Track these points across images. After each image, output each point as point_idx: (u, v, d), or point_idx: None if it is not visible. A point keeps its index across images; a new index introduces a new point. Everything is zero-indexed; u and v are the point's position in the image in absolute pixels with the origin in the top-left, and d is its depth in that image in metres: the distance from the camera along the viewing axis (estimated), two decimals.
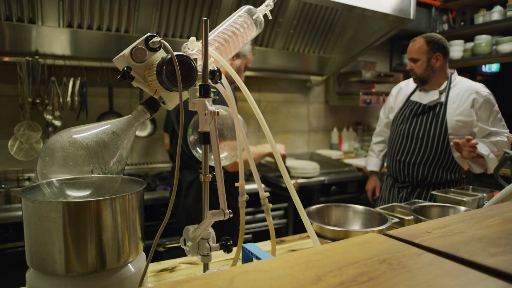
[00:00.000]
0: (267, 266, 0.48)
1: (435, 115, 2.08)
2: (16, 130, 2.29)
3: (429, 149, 2.08)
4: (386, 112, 2.43)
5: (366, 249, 0.54)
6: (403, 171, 2.18)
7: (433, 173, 2.09)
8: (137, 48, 0.73)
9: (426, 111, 2.12)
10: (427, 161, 2.09)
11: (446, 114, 2.05)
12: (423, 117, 2.13)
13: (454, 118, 2.03)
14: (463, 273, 0.46)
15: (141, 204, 0.79)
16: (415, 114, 2.16)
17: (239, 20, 0.91)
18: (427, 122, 2.10)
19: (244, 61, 1.99)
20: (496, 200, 1.30)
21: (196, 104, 0.76)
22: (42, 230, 0.68)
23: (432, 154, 2.07)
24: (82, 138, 0.74)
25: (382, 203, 2.34)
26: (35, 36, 2.24)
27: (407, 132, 2.16)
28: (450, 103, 2.06)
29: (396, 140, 2.23)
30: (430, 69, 2.09)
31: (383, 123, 2.48)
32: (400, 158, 2.18)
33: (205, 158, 0.75)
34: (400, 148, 2.19)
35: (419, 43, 2.11)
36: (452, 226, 0.65)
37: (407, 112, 2.20)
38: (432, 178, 2.10)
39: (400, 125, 2.22)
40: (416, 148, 2.12)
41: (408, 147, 2.16)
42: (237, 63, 1.97)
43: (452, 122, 2.03)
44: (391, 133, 2.31)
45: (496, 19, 3.18)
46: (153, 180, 2.46)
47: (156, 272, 1.05)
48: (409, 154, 2.15)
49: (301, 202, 0.78)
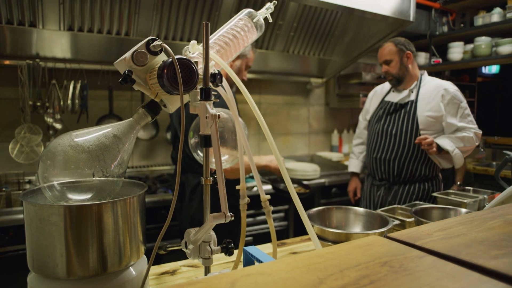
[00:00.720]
0: (268, 269, 0.49)
1: (406, 112, 2.18)
2: (16, 133, 2.30)
3: (403, 145, 2.16)
4: (363, 115, 2.54)
5: (368, 251, 0.54)
6: (380, 168, 2.25)
7: (407, 168, 2.17)
8: (138, 52, 0.73)
9: (398, 109, 2.23)
10: (401, 157, 2.17)
11: (417, 110, 2.15)
12: (395, 115, 2.23)
13: (424, 114, 2.12)
14: (464, 276, 0.46)
15: (143, 207, 0.79)
16: (388, 112, 2.26)
17: (239, 23, 0.91)
18: (399, 119, 2.20)
19: (244, 61, 1.98)
20: (497, 202, 1.30)
21: (197, 107, 0.76)
22: (43, 233, 0.68)
23: (406, 149, 2.15)
24: (83, 142, 0.74)
25: (364, 203, 2.41)
26: (36, 39, 2.24)
27: (381, 130, 2.25)
28: (421, 100, 2.16)
29: (372, 139, 2.32)
30: (404, 68, 2.21)
31: (362, 126, 2.58)
32: (376, 156, 2.26)
33: (206, 161, 0.75)
34: (375, 146, 2.28)
35: (388, 46, 2.23)
36: (454, 228, 0.65)
37: (381, 111, 2.31)
38: (407, 173, 2.17)
39: (375, 124, 2.31)
40: (391, 145, 2.20)
41: (383, 144, 2.24)
42: (237, 64, 1.97)
43: (422, 118, 2.12)
44: (368, 133, 2.41)
45: (495, 20, 3.18)
46: (154, 183, 2.46)
47: (157, 275, 1.05)
48: (384, 151, 2.23)
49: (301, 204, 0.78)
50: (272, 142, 0.78)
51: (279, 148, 3.53)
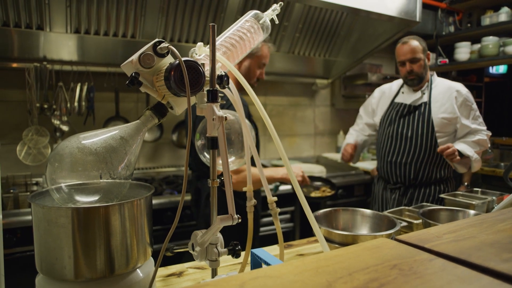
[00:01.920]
0: (277, 272, 0.48)
1: (420, 114, 2.14)
2: (24, 135, 2.32)
3: (419, 148, 2.12)
4: (370, 114, 2.47)
5: (377, 254, 0.54)
6: (394, 172, 2.20)
7: (423, 171, 2.13)
8: (145, 54, 0.73)
9: (411, 111, 2.17)
10: (417, 160, 2.13)
11: (431, 112, 2.11)
12: (409, 117, 2.17)
13: (439, 116, 2.08)
14: (475, 279, 0.45)
15: (150, 209, 0.79)
16: (401, 115, 2.21)
17: (246, 25, 0.91)
18: (414, 122, 2.15)
19: (254, 60, 1.88)
20: (506, 204, 1.29)
21: (204, 109, 0.76)
22: (51, 235, 0.69)
23: (422, 152, 2.11)
24: (90, 144, 0.74)
25: (376, 206, 2.36)
26: (43, 42, 2.26)
27: (395, 133, 2.20)
28: (434, 102, 2.13)
29: (385, 142, 2.26)
30: (426, 67, 2.17)
31: (363, 121, 2.50)
32: (391, 159, 2.21)
33: (213, 163, 0.75)
34: (390, 150, 2.22)
35: (415, 43, 2.13)
36: (463, 230, 0.64)
37: (393, 114, 2.25)
38: (423, 176, 2.13)
39: (388, 127, 2.25)
40: (406, 148, 2.16)
41: (398, 147, 2.19)
42: (245, 65, 1.88)
43: (437, 120, 2.09)
44: (379, 136, 2.35)
45: (503, 20, 3.16)
46: (160, 184, 2.47)
47: (164, 277, 1.05)
48: (399, 155, 2.18)
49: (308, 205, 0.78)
50: (280, 146, 0.78)
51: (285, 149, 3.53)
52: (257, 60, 1.87)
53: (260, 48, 1.85)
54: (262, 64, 1.90)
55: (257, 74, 1.89)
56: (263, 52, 1.88)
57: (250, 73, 1.88)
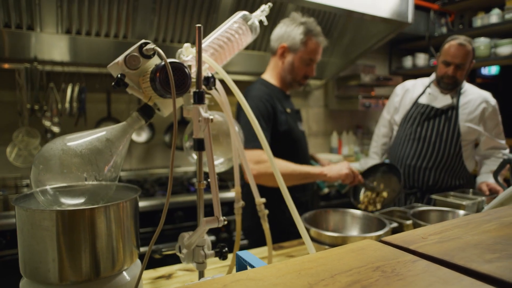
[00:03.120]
0: (259, 274, 0.48)
1: (447, 119, 2.04)
2: (14, 137, 2.29)
3: (442, 153, 2.04)
4: (391, 112, 2.32)
5: (361, 256, 0.53)
6: (412, 176, 2.12)
7: (444, 178, 2.06)
8: (131, 55, 0.73)
9: (438, 115, 2.07)
10: (438, 166, 2.05)
11: (458, 118, 2.03)
12: (435, 121, 2.07)
13: (466, 124, 2.02)
14: (457, 281, 0.45)
15: (136, 211, 0.79)
16: (426, 117, 2.09)
17: (234, 26, 0.91)
18: (440, 126, 2.05)
19: (299, 56, 1.69)
20: (496, 204, 1.29)
21: (190, 111, 0.76)
22: (35, 238, 0.68)
23: (444, 158, 2.04)
24: (76, 146, 0.73)
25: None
26: (33, 42, 2.24)
27: (418, 136, 2.09)
28: (462, 109, 2.04)
29: (405, 144, 2.15)
30: (466, 75, 2.06)
31: (388, 123, 2.34)
32: (410, 163, 2.11)
33: (199, 164, 0.75)
34: (409, 152, 2.12)
35: (468, 48, 1.98)
36: (449, 231, 0.64)
37: (417, 115, 2.13)
38: (443, 183, 2.07)
39: (409, 129, 2.14)
40: (428, 152, 2.07)
41: (419, 151, 2.09)
42: (288, 60, 1.71)
43: (464, 128, 2.02)
44: (397, 136, 2.23)
45: (494, 22, 3.18)
46: (152, 186, 2.46)
47: (152, 279, 1.05)
48: (420, 158, 2.08)
49: (299, 206, 0.78)
50: (265, 144, 0.78)
51: None
52: (301, 55, 1.69)
53: (302, 43, 1.67)
54: (309, 60, 1.70)
55: (303, 71, 1.72)
56: (309, 47, 1.68)
57: (295, 70, 1.71)
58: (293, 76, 1.74)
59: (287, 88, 1.82)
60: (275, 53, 1.76)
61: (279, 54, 1.73)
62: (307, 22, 1.71)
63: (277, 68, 1.76)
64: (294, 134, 1.74)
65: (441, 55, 2.05)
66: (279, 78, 1.77)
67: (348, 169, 1.54)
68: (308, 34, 1.68)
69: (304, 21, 1.71)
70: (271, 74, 1.79)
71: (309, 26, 1.70)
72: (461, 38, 2.00)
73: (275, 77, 1.78)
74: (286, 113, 1.72)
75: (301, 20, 1.72)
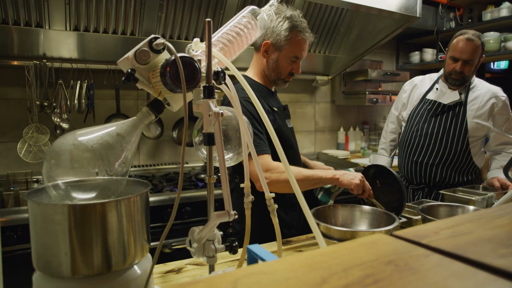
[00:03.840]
0: (271, 268, 0.48)
1: (455, 115, 2.02)
2: (24, 133, 2.32)
3: (449, 150, 2.02)
4: (399, 108, 2.31)
5: (372, 250, 0.53)
6: (419, 173, 2.10)
7: (451, 175, 2.04)
8: (141, 50, 0.73)
9: (445, 111, 2.05)
10: (445, 162, 2.03)
11: (466, 115, 2.00)
12: (442, 117, 2.05)
13: (474, 120, 1.99)
14: (471, 275, 0.45)
15: (147, 206, 0.79)
16: (434, 113, 2.07)
17: (243, 20, 0.91)
18: (447, 122, 2.03)
19: (283, 54, 1.58)
20: (506, 199, 1.28)
21: (200, 106, 0.76)
22: (47, 232, 0.69)
23: (452, 155, 2.02)
24: (87, 141, 0.74)
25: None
26: (42, 40, 2.26)
27: (425, 132, 2.08)
28: (470, 105, 2.01)
29: (412, 140, 2.13)
30: (475, 71, 2.02)
31: (396, 120, 2.34)
32: (417, 159, 2.10)
33: (209, 159, 0.75)
34: (417, 149, 2.11)
35: (477, 43, 1.93)
36: (461, 226, 0.63)
37: (424, 111, 2.11)
38: (450, 179, 2.05)
39: (416, 125, 2.12)
40: (435, 149, 2.05)
41: (426, 147, 2.07)
42: (273, 58, 1.60)
43: (472, 124, 1.99)
44: (404, 132, 2.21)
45: (504, 15, 3.14)
46: (160, 182, 2.47)
47: (162, 273, 1.05)
48: (427, 155, 2.07)
49: (308, 201, 0.77)
50: (280, 148, 0.77)
51: None
52: (286, 53, 1.58)
53: (288, 40, 1.56)
54: (294, 58, 1.60)
55: (288, 68, 1.62)
56: (294, 44, 1.57)
57: (279, 68, 1.61)
58: (277, 74, 1.62)
59: (272, 85, 1.70)
60: (258, 49, 1.62)
61: (262, 51, 1.59)
62: (292, 16, 1.55)
63: (261, 65, 1.63)
64: (283, 133, 1.60)
65: (449, 50, 2.02)
66: (263, 75, 1.65)
67: (360, 180, 1.39)
68: (293, 30, 1.55)
69: (289, 15, 1.55)
70: (255, 72, 1.66)
71: (294, 21, 1.54)
72: (470, 33, 1.96)
73: (259, 74, 1.66)
74: (274, 111, 1.60)
75: (286, 14, 1.55)
